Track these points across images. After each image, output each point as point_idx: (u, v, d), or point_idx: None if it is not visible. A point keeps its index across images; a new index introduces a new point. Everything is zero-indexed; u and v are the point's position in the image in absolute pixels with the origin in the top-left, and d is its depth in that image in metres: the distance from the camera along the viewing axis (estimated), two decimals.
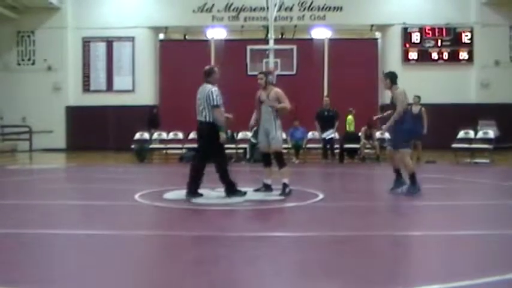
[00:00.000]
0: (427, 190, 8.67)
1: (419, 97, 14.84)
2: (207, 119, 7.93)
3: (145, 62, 20.83)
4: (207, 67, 8.21)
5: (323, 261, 4.72)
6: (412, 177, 8.28)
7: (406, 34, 20.25)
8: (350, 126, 15.84)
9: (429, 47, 20.22)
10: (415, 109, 14.49)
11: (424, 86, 18.60)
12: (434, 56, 20.20)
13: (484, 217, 7.00)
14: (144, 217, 7.19)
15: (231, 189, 8.03)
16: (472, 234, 5.81)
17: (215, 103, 7.86)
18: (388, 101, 9.23)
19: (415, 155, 14.61)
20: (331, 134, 15.16)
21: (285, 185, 8.27)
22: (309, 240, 5.55)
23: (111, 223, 6.49)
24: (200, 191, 8.08)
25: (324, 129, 15.18)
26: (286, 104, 8.30)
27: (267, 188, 8.47)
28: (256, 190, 8.46)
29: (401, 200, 8.13)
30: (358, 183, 11.42)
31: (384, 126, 8.67)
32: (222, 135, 7.94)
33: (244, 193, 8.08)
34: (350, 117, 15.95)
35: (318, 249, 5.17)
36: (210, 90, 7.91)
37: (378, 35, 21.21)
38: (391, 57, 20.36)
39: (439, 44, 20.19)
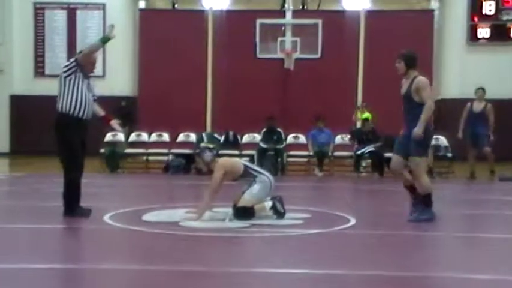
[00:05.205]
0: (500, 217, 8.75)
1: (483, 89, 14.78)
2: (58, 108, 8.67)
3: (119, 38, 20.62)
4: None
5: None
6: (428, 198, 8.43)
7: (475, 3, 20.14)
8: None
9: (507, 20, 19.96)
10: (478, 106, 14.56)
11: (498, 74, 18.56)
12: None
13: None
14: (117, 245, 7.31)
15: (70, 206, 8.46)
16: None
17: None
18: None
19: (489, 167, 14.62)
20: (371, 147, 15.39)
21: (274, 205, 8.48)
22: (332, 280, 5.66)
23: (71, 253, 6.62)
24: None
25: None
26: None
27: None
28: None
29: (458, 229, 8.21)
30: (402, 205, 11.48)
31: (416, 130, 8.27)
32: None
33: (90, 211, 8.45)
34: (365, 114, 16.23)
35: None
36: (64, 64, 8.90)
37: (434, 4, 21.21)
38: (453, 35, 20.34)
39: None
